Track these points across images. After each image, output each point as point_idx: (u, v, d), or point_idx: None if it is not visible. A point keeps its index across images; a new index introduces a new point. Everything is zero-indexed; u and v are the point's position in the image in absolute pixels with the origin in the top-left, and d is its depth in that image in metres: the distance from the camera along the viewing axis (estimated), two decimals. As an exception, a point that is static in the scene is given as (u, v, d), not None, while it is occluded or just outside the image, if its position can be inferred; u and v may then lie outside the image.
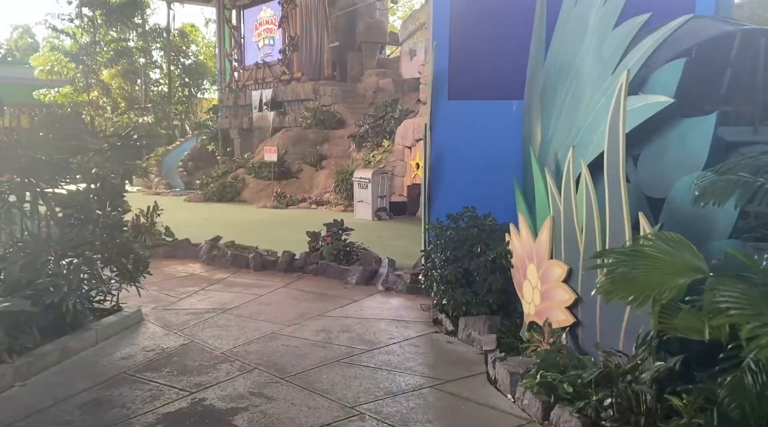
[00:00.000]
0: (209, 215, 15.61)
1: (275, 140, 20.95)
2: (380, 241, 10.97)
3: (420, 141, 14.75)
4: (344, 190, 16.10)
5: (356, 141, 18.60)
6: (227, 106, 27.82)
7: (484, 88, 6.16)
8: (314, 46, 24.37)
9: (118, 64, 36.83)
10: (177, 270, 8.85)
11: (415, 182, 14.89)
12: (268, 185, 19.32)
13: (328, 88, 22.30)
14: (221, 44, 33.79)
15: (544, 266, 4.59)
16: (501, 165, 6.14)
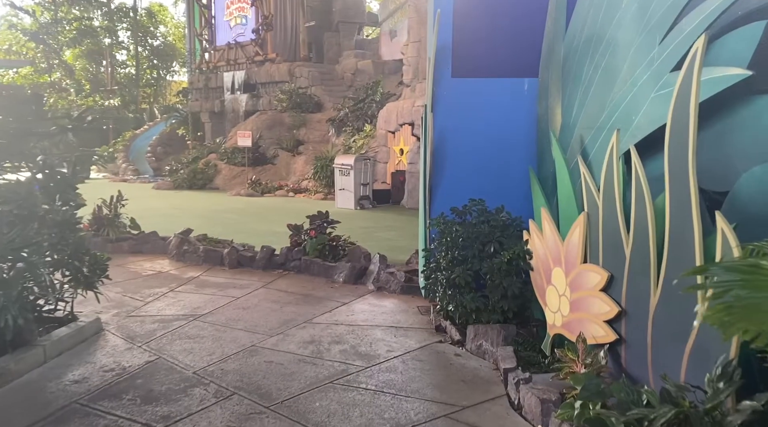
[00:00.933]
0: (179, 203, 14.68)
1: (249, 124, 19.98)
2: (366, 233, 10.23)
3: (404, 125, 14.02)
4: (324, 177, 15.30)
5: (335, 125, 17.76)
6: (198, 88, 26.65)
7: (493, 65, 5.42)
8: (289, 25, 23.36)
9: (82, 45, 35.20)
10: (143, 267, 8.00)
11: (399, 169, 14.18)
12: (242, 172, 18.41)
13: (305, 70, 21.35)
14: (191, 24, 32.47)
15: (576, 271, 3.90)
16: (512, 151, 5.44)
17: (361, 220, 11.85)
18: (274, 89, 22.61)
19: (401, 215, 12.46)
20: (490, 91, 5.47)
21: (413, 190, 13.15)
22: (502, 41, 5.45)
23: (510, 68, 5.44)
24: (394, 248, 8.74)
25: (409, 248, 8.78)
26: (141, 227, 9.45)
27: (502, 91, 5.46)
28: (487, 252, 4.72)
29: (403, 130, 14.25)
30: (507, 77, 5.45)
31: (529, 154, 5.39)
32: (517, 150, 5.44)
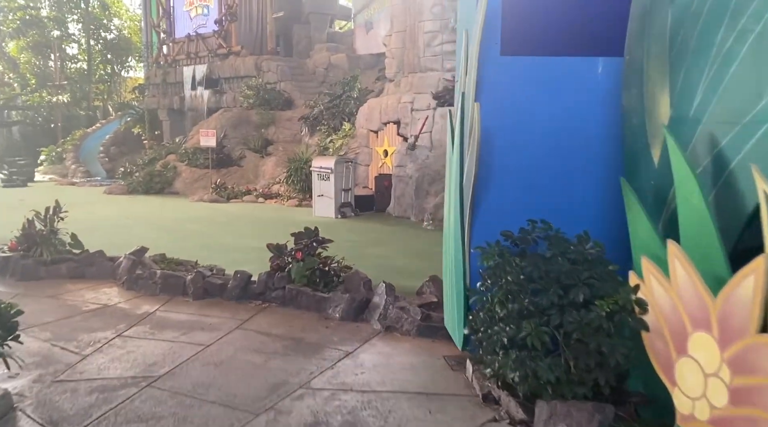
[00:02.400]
0: (133, 211, 12.92)
1: (212, 122, 18.26)
2: (352, 248, 8.76)
3: (389, 124, 12.60)
4: (298, 181, 13.75)
5: (309, 124, 16.21)
6: (155, 83, 24.71)
7: (555, 39, 4.04)
8: (255, 16, 21.68)
9: (27, 36, 32.64)
10: (84, 299, 6.36)
11: (383, 172, 12.75)
12: (204, 174, 16.69)
13: (273, 64, 19.72)
14: (147, 15, 30.40)
15: (745, 343, 2.53)
16: (580, 155, 4.06)
17: (344, 231, 10.36)
18: (240, 85, 20.88)
19: (389, 225, 11.01)
20: (552, 72, 4.08)
21: (402, 197, 11.72)
22: (568, 7, 4.06)
23: (578, 43, 4.06)
24: (392, 270, 7.30)
25: (410, 269, 7.35)
26: (84, 245, 7.76)
27: (567, 74, 4.07)
28: (570, 300, 3.32)
29: (387, 130, 12.82)
30: (574, 55, 4.06)
31: (607, 159, 4.02)
32: (588, 153, 4.07)
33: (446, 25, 12.08)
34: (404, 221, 11.41)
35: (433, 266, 7.60)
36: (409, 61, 12.93)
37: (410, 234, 10.04)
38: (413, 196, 11.41)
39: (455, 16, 11.65)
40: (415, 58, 12.75)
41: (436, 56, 12.31)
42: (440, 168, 11.31)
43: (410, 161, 11.66)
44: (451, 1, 11.98)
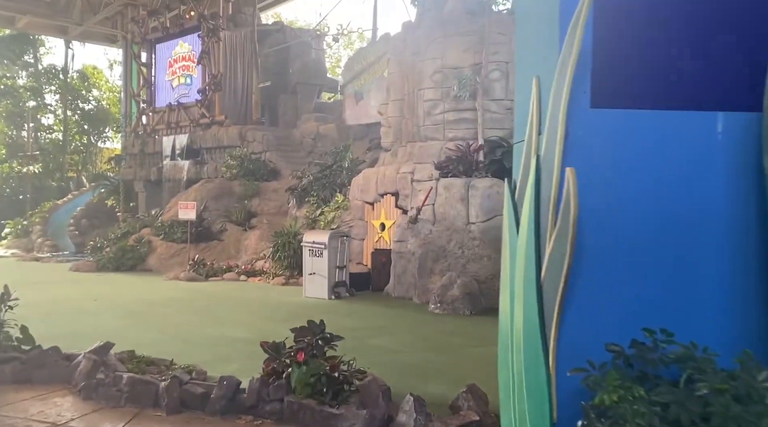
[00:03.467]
0: (101, 292, 11.55)
1: (192, 194, 17.17)
2: (353, 337, 7.52)
3: (387, 195, 11.64)
4: (286, 257, 12.58)
5: (296, 195, 15.21)
6: (132, 154, 23.74)
7: (661, 89, 3.11)
8: (240, 86, 21.11)
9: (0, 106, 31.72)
10: (27, 416, 5.02)
11: (380, 247, 11.68)
12: (181, 250, 15.43)
13: (258, 134, 18.93)
14: (128, 83, 29.91)
15: None
16: (704, 234, 3.04)
17: (341, 316, 9.15)
18: (222, 155, 19.99)
19: (391, 308, 9.82)
20: (658, 131, 3.11)
21: (403, 275, 10.60)
22: (675, 50, 3.14)
23: (690, 95, 3.12)
24: (406, 369, 6.09)
25: (428, 367, 6.15)
26: (37, 338, 6.43)
27: (678, 132, 3.10)
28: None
29: (384, 201, 11.84)
30: (686, 110, 3.11)
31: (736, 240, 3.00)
32: (710, 232, 3.05)
33: (448, 93, 11.39)
34: (407, 303, 10.23)
35: (455, 362, 6.41)
36: (408, 130, 12.15)
37: (417, 320, 8.85)
38: (416, 275, 10.30)
39: (459, 83, 10.98)
40: (414, 127, 11.98)
41: (437, 125, 11.54)
42: (445, 244, 10.29)
43: (412, 236, 10.62)
44: (452, 69, 11.34)
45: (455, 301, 9.14)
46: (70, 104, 37.21)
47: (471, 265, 9.92)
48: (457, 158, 10.85)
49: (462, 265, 9.96)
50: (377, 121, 18.11)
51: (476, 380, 5.62)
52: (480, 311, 9.22)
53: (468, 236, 10.22)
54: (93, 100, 40.39)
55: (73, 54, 38.41)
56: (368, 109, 18.32)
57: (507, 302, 3.85)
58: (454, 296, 9.17)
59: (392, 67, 12.63)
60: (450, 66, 11.36)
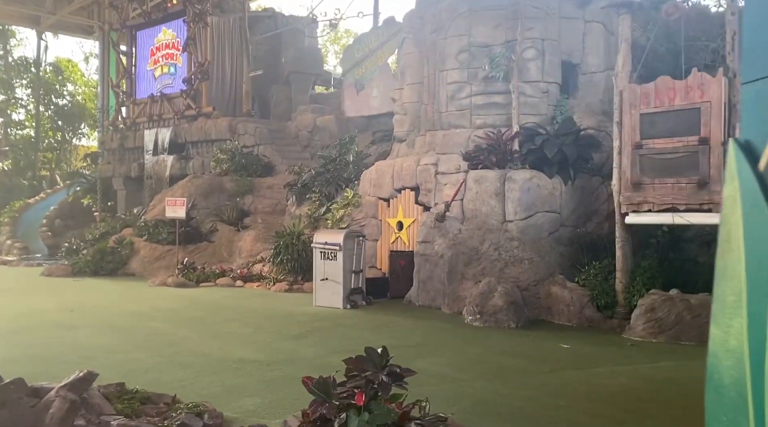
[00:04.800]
0: (78, 302, 10.03)
1: (179, 190, 15.64)
2: (398, 360, 6.19)
3: (405, 190, 10.33)
4: (289, 260, 11.17)
5: (296, 192, 13.79)
6: (110, 149, 22.07)
7: None
8: (228, 75, 19.61)
9: (-34, 98, 29.78)
10: (-24, 486, 3.58)
11: (398, 249, 10.36)
12: (167, 252, 13.93)
13: (250, 126, 17.46)
14: (105, 76, 28.21)
15: None
16: None
17: (364, 330, 7.80)
18: (210, 149, 18.46)
19: (419, 320, 8.48)
20: None
21: (429, 281, 9.27)
22: None
23: None
24: (477, 407, 4.74)
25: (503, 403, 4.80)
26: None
27: None
28: None
29: (402, 197, 10.51)
30: None
31: None
32: None
33: (475, 74, 10.09)
34: (436, 313, 8.91)
35: (533, 396, 5.07)
36: (428, 117, 10.83)
37: (456, 335, 7.53)
38: (445, 281, 8.98)
39: (491, 62, 9.69)
40: (435, 114, 10.66)
41: (462, 111, 10.24)
42: (477, 245, 8.99)
43: (439, 236, 9.31)
44: (481, 47, 10.05)
45: (498, 312, 7.83)
46: (43, 99, 35.28)
47: (510, 269, 8.64)
48: (488, 147, 9.57)
49: (499, 269, 8.67)
50: (380, 112, 16.82)
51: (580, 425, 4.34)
52: (526, 324, 7.93)
53: (504, 235, 8.93)
54: (67, 94, 38.47)
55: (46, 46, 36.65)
56: (370, 99, 17.00)
57: (742, 333, 2.48)
58: (497, 305, 7.87)
59: (408, 47, 11.30)
60: (478, 44, 10.07)
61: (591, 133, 9.53)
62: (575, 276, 8.51)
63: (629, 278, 7.64)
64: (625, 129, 7.53)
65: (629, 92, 7.51)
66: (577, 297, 7.98)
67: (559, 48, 10.04)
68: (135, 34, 21.82)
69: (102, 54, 33.45)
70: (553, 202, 9.11)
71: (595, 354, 6.54)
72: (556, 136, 9.29)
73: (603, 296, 7.73)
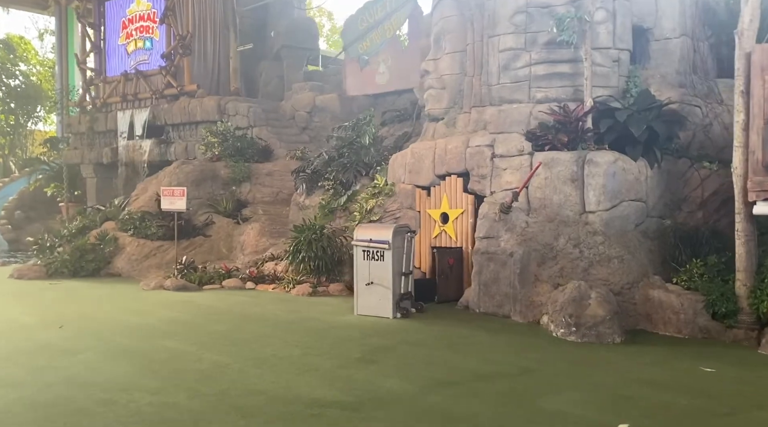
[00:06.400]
0: (62, 313, 8.26)
1: (165, 178, 13.84)
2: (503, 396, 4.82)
3: (452, 177, 8.91)
4: (313, 258, 9.60)
5: (305, 179, 12.16)
6: (78, 133, 19.92)
7: None
8: (211, 50, 17.71)
9: None
10: None
11: (443, 245, 8.95)
12: (157, 249, 12.22)
13: (243, 106, 15.70)
14: (62, 53, 25.85)
15: None
16: None
17: (433, 348, 6.36)
18: (194, 132, 16.61)
19: (497, 333, 7.05)
20: None
21: (493, 284, 7.86)
22: None
23: None
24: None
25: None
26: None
27: None
28: None
29: (446, 185, 9.05)
30: None
31: None
32: None
33: (534, 40, 8.66)
34: (506, 323, 7.50)
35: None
36: (474, 91, 9.35)
37: (555, 353, 6.13)
38: (516, 284, 7.59)
39: (558, 24, 8.26)
40: (483, 88, 9.19)
41: (519, 83, 8.81)
42: (551, 240, 7.63)
43: (505, 230, 7.89)
44: (540, 8, 8.62)
45: (599, 324, 6.47)
46: (-7, 79, 32.39)
47: (596, 270, 7.29)
48: (556, 125, 8.17)
49: (582, 270, 7.32)
50: (388, 90, 15.26)
51: None
52: (633, 338, 6.60)
53: (584, 229, 7.58)
54: (20, 75, 35.50)
55: (-5, 22, 33.66)
56: (376, 76, 15.41)
57: None
58: (597, 316, 6.51)
59: (446, 10, 9.76)
60: (537, 4, 8.62)
61: (673, 109, 8.22)
62: (671, 276, 7.23)
63: (755, 279, 6.37)
64: (754, 99, 6.23)
65: (761, 54, 6.19)
66: (688, 303, 6.68)
67: (630, 10, 8.68)
68: (103, 4, 19.60)
69: (59, 30, 30.74)
70: (638, 189, 7.79)
71: (755, 381, 5.24)
72: (638, 112, 7.94)
73: (722, 301, 6.44)
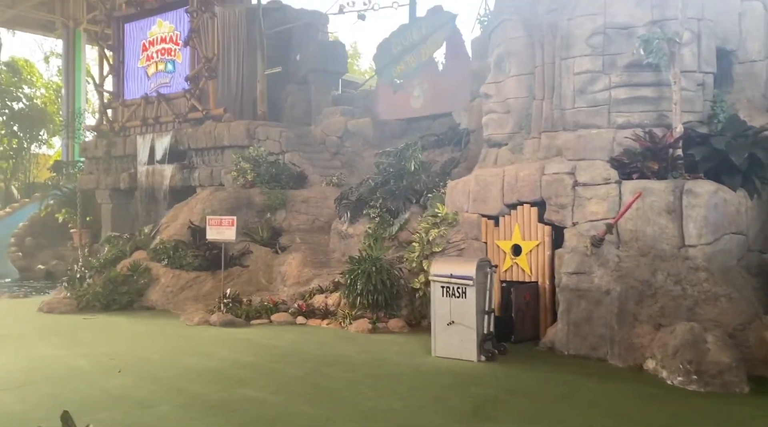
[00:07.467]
0: (112, 352, 7.59)
1: (197, 205, 13.26)
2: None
3: (524, 206, 8.38)
4: (371, 292, 9.01)
5: (350, 207, 11.61)
6: (94, 157, 19.32)
7: None
8: (235, 73, 17.26)
9: None
10: None
11: (513, 278, 8.40)
12: (194, 280, 11.60)
13: (274, 131, 15.21)
14: (70, 74, 25.54)
15: None
16: None
17: (543, 400, 5.75)
18: (219, 157, 16.07)
19: (603, 380, 6.44)
20: None
21: (586, 323, 7.28)
22: None
23: None
24: None
25: None
26: None
27: None
28: None
29: (518, 215, 8.52)
30: None
31: None
32: None
33: (613, 62, 8.23)
34: (605, 367, 6.88)
35: None
36: (545, 115, 8.88)
37: (685, 407, 5.52)
38: (614, 324, 7.01)
39: (645, 46, 7.82)
40: (555, 111, 8.73)
41: (597, 107, 8.34)
42: (648, 276, 7.08)
43: (598, 265, 7.34)
44: (620, 29, 8.20)
45: (725, 371, 5.89)
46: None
47: (703, 309, 6.73)
48: (644, 152, 7.69)
49: (687, 309, 6.77)
50: (423, 115, 14.85)
51: None
52: (761, 387, 6.02)
53: (685, 264, 7.04)
54: (23, 97, 34.92)
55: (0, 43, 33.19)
56: (410, 100, 15.01)
57: None
58: (721, 363, 5.93)
59: (511, 31, 9.32)
60: (617, 25, 8.21)
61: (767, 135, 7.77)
62: (781, 315, 6.70)
63: None
64: None
65: None
66: (816, 347, 6.14)
67: (714, 31, 8.28)
68: (123, 27, 19.16)
69: (66, 52, 30.37)
70: (739, 221, 7.28)
71: None
72: (734, 138, 7.48)
73: None
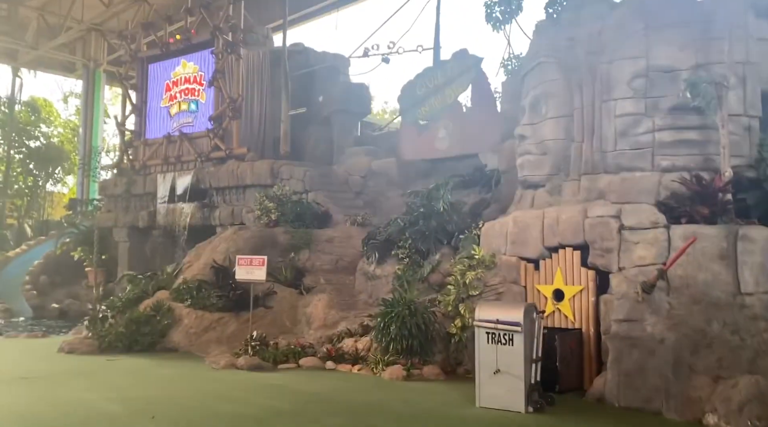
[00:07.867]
0: (141, 397, 7.27)
1: (221, 244, 13.07)
2: None
3: (566, 249, 8.15)
4: (405, 337, 8.70)
5: (378, 248, 11.39)
6: (112, 195, 19.28)
7: None
8: (257, 113, 17.33)
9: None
10: None
11: (555, 325, 8.11)
12: (218, 321, 11.33)
13: (298, 170, 15.14)
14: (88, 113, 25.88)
15: None
16: None
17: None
18: (240, 196, 15.99)
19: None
20: None
21: (638, 374, 6.95)
22: None
23: None
24: None
25: None
26: None
27: None
28: None
29: (560, 258, 8.27)
30: None
31: None
32: None
33: (656, 104, 8.13)
34: (660, 422, 6.53)
35: None
36: (585, 157, 8.74)
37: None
38: (669, 375, 6.68)
39: (691, 88, 7.72)
40: (596, 154, 8.60)
41: (640, 150, 8.21)
42: (703, 325, 6.80)
43: (650, 313, 7.05)
44: (663, 73, 8.12)
45: (800, 427, 5.57)
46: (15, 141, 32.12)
47: (764, 361, 6.44)
48: (694, 196, 7.50)
49: (747, 361, 6.47)
50: (448, 156, 14.76)
51: None
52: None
53: (742, 313, 6.77)
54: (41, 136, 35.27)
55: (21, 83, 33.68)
56: (435, 141, 14.93)
57: None
58: (796, 417, 5.61)
59: (549, 73, 9.27)
60: (659, 68, 8.14)
61: (818, 180, 7.58)
62: None
63: None
64: None
65: None
66: None
67: (759, 75, 8.19)
68: (147, 67, 19.39)
69: (85, 92, 30.82)
70: (794, 267, 7.04)
71: None
72: (787, 182, 7.30)
73: None
